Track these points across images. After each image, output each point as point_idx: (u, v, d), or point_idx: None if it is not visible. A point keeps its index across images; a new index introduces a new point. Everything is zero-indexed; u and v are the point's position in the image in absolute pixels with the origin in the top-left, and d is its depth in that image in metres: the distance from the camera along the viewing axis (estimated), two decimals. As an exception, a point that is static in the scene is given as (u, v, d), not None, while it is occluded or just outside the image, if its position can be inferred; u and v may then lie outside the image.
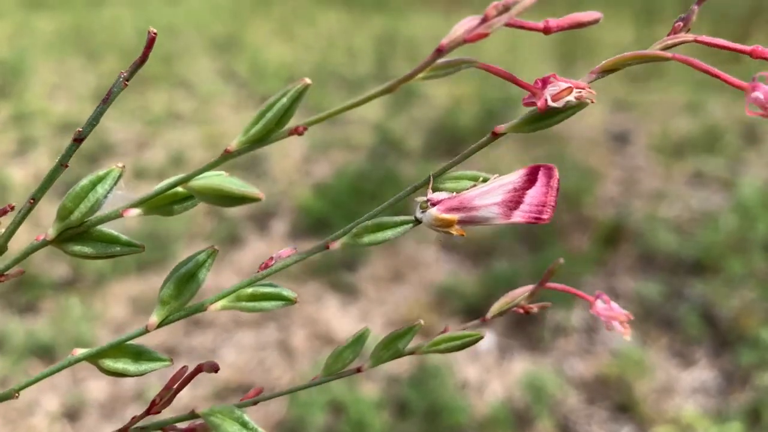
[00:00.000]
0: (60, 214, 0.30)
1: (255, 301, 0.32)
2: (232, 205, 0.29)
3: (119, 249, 0.31)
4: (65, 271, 2.10)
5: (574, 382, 1.73)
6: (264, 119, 0.28)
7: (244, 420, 0.34)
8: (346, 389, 1.65)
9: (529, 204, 0.30)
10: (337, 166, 2.79)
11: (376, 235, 0.33)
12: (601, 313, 0.39)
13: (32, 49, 4.23)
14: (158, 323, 0.32)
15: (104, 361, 0.32)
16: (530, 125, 0.31)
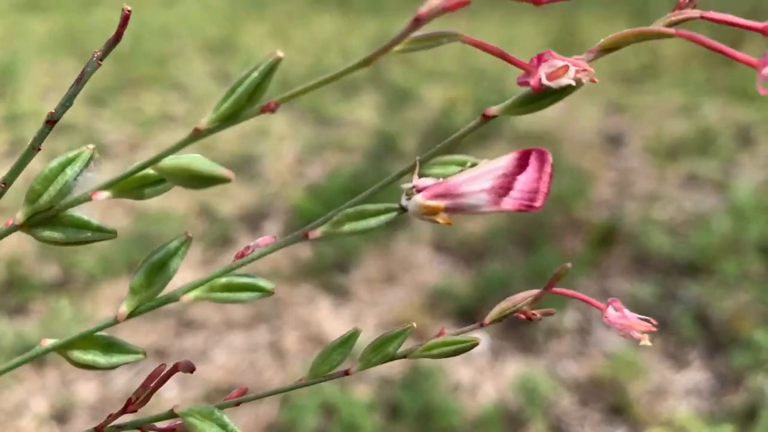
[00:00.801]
0: (28, 197, 0.28)
1: (230, 291, 0.31)
2: (201, 187, 0.27)
3: (90, 235, 0.30)
4: (55, 273, 2.09)
5: (568, 384, 1.72)
6: (234, 95, 0.26)
7: (224, 421, 0.32)
8: (338, 391, 1.64)
9: (520, 190, 0.28)
10: (331, 167, 2.78)
11: (358, 223, 0.31)
12: (615, 321, 0.36)
13: (25, 50, 4.21)
14: (128, 313, 0.30)
15: (74, 352, 0.30)
16: (524, 107, 0.30)
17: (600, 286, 2.06)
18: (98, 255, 2.13)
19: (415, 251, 2.23)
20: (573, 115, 3.36)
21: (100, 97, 3.51)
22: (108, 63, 1.49)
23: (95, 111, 3.34)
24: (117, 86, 3.69)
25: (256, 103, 0.27)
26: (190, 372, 0.33)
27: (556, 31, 4.58)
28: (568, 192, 2.49)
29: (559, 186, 2.54)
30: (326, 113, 3.42)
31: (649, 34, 0.30)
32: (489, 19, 5.27)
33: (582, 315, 1.95)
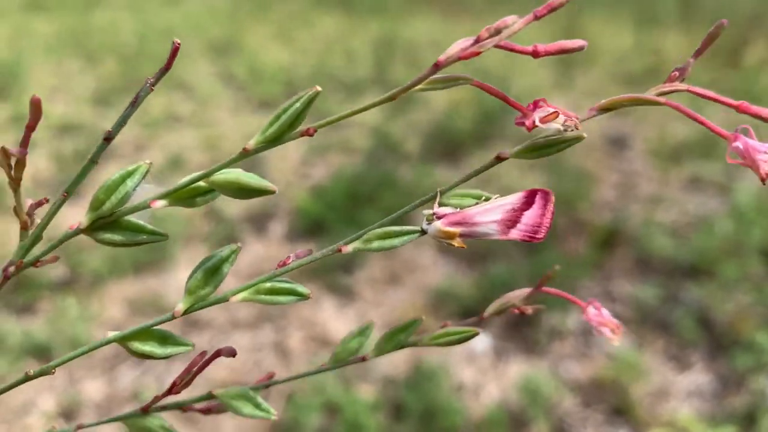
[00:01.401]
0: (93, 205, 0.32)
1: (273, 294, 0.35)
2: (249, 197, 0.32)
3: (145, 237, 0.34)
4: (62, 272, 2.10)
5: (570, 385, 1.73)
6: (279, 121, 0.32)
7: (257, 401, 0.39)
8: (341, 390, 1.65)
9: (526, 224, 0.32)
10: (335, 168, 2.79)
11: (384, 242, 0.36)
12: (592, 319, 0.42)
13: (31, 50, 4.23)
14: (184, 310, 0.34)
15: (133, 343, 0.35)
16: (533, 152, 0.34)
17: (603, 288, 2.07)
18: (105, 255, 2.14)
19: (419, 253, 2.24)
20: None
21: (105, 97, 3.53)
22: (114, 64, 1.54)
23: (101, 111, 3.36)
24: (122, 87, 3.71)
25: (296, 128, 0.32)
26: (233, 356, 0.37)
27: (561, 34, 4.58)
28: (571, 194, 2.50)
29: (562, 188, 2.55)
30: (331, 114, 3.42)
31: (642, 101, 0.34)
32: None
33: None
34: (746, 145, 0.33)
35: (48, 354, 1.76)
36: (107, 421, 0.40)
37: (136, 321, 1.91)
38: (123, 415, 0.39)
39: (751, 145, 0.33)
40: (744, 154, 0.33)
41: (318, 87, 0.31)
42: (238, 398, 0.39)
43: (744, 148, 0.33)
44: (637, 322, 1.93)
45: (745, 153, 0.33)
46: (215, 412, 0.41)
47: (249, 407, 0.39)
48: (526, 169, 2.72)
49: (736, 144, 0.33)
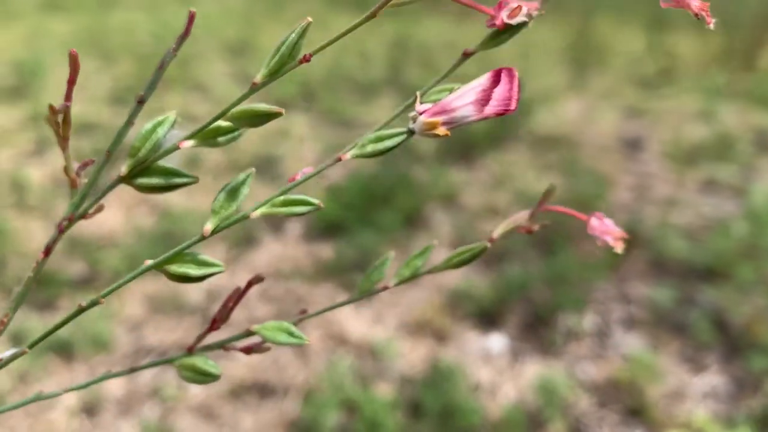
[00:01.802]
0: (130, 152, 0.35)
1: (288, 206, 0.38)
2: (261, 123, 0.36)
3: (178, 180, 0.37)
4: (82, 270, 2.13)
5: (586, 386, 1.74)
6: (279, 53, 0.35)
7: (291, 330, 0.42)
8: (359, 389, 1.67)
9: (497, 99, 0.35)
10: (351, 169, 2.81)
11: (377, 144, 0.38)
12: (595, 228, 0.43)
13: (48, 50, 4.27)
14: (212, 230, 0.37)
15: (171, 267, 0.37)
16: (492, 41, 0.37)
17: (618, 290, 2.07)
18: (123, 253, 2.17)
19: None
20: (591, 119, 3.37)
21: (122, 97, 3.56)
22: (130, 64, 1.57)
23: (118, 110, 3.39)
24: (139, 86, 3.72)
25: (295, 58, 0.35)
26: (261, 281, 0.42)
27: (573, 36, 4.59)
28: (587, 196, 2.51)
29: (578, 189, 2.56)
30: (345, 115, 3.45)
31: None
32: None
33: (601, 318, 1.97)
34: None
35: (69, 350, 1.79)
36: (161, 362, 0.43)
37: (155, 318, 1.93)
38: (171, 357, 0.43)
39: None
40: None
41: (309, 18, 0.35)
42: (274, 330, 0.42)
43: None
44: (653, 324, 1.94)
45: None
46: (255, 352, 0.44)
47: (284, 336, 0.42)
48: (540, 171, 2.73)
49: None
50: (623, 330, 1.93)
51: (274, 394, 1.70)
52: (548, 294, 2.02)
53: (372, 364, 1.79)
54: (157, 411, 1.64)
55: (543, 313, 1.96)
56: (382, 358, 1.80)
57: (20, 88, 3.66)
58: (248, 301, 1.99)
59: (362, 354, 1.82)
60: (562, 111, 3.45)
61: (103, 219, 2.40)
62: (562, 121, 3.31)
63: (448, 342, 1.88)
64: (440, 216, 2.47)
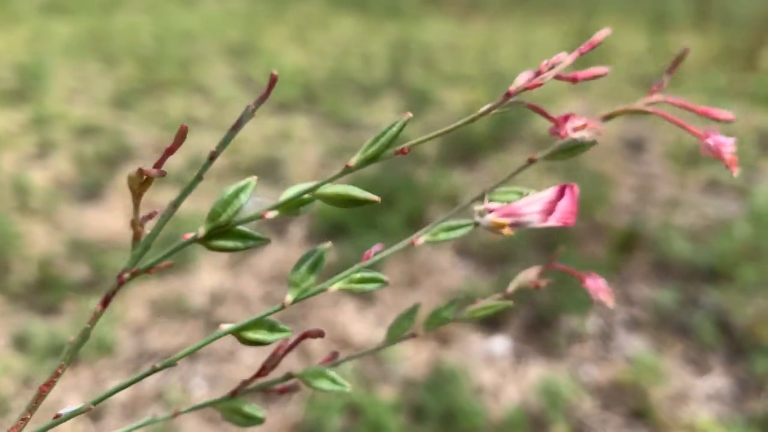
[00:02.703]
0: (210, 216, 0.36)
1: (362, 283, 0.41)
2: (354, 207, 0.38)
3: (252, 243, 0.38)
4: (86, 273, 2.13)
5: (589, 388, 1.74)
6: (378, 143, 0.37)
7: (334, 378, 0.44)
8: (363, 392, 1.67)
9: (561, 212, 0.39)
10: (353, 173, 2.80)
11: (449, 233, 0.43)
12: (590, 286, 0.51)
13: (51, 53, 4.28)
14: (293, 300, 0.39)
15: (246, 333, 0.39)
16: (560, 155, 0.42)
17: (621, 291, 2.07)
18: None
19: (438, 256, 2.25)
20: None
21: (125, 100, 3.56)
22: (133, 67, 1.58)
23: (121, 114, 3.40)
24: (142, 89, 3.75)
25: (391, 147, 0.38)
26: (321, 337, 0.42)
27: (575, 36, 4.58)
28: (589, 197, 2.51)
29: (581, 191, 2.55)
30: (347, 117, 3.45)
31: (635, 111, 0.44)
32: (508, 23, 5.29)
33: (604, 320, 1.97)
34: (715, 142, 0.42)
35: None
36: (201, 406, 0.45)
37: (158, 322, 1.93)
38: (215, 400, 0.45)
39: (718, 141, 0.42)
40: (713, 149, 0.42)
41: (409, 113, 0.37)
42: (315, 376, 0.44)
43: (714, 144, 0.42)
44: (656, 326, 1.93)
45: (714, 148, 0.42)
46: (291, 391, 0.46)
47: (327, 383, 0.44)
48: (543, 173, 2.73)
49: (707, 141, 0.42)
50: (626, 332, 1.93)
51: (278, 398, 1.70)
52: (551, 296, 2.01)
53: (375, 367, 1.79)
54: (161, 415, 1.64)
55: (546, 315, 1.96)
56: (385, 361, 1.80)
57: (22, 91, 3.66)
58: (252, 305, 1.99)
59: (365, 357, 1.82)
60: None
61: (107, 222, 2.40)
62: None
63: (450, 344, 1.88)
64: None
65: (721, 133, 0.43)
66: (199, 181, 0.36)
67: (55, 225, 2.39)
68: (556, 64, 0.37)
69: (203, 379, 1.73)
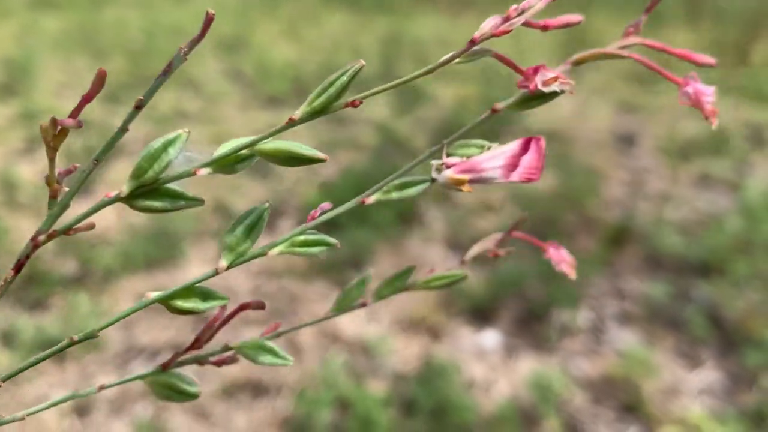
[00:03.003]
0: (135, 173, 0.32)
1: (306, 246, 0.37)
2: (297, 165, 0.34)
3: (184, 203, 0.34)
4: (74, 268, 2.11)
5: (581, 382, 1.74)
6: (326, 93, 0.34)
7: (274, 350, 0.41)
8: (353, 386, 1.65)
9: (524, 167, 0.36)
10: (343, 165, 2.79)
11: (402, 192, 0.39)
12: (553, 256, 0.49)
13: (40, 47, 4.24)
14: (227, 266, 0.35)
15: (176, 301, 0.36)
16: (523, 105, 0.39)
17: (613, 285, 2.07)
18: (116, 250, 2.15)
19: (428, 249, 2.24)
20: (585, 114, 3.36)
21: (115, 94, 3.53)
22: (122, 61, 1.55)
23: (111, 108, 3.37)
24: (131, 83, 3.72)
25: (340, 99, 0.34)
26: (261, 309, 0.39)
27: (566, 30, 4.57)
28: (581, 191, 2.50)
29: (572, 185, 2.55)
30: (339, 111, 3.43)
31: (609, 55, 0.41)
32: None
33: (595, 314, 1.96)
34: (695, 90, 0.38)
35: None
36: (129, 380, 0.41)
37: (147, 317, 1.92)
38: (144, 374, 0.41)
39: (698, 89, 0.39)
40: (692, 97, 0.38)
41: (362, 61, 0.34)
42: (255, 349, 0.41)
43: (693, 92, 0.38)
44: (648, 320, 1.93)
45: (693, 96, 0.38)
46: (228, 363, 0.43)
47: (268, 357, 0.41)
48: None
49: (686, 89, 0.39)
50: (618, 326, 1.92)
51: (267, 393, 1.69)
52: (542, 290, 2.01)
53: (365, 362, 1.78)
54: (149, 410, 1.63)
55: (537, 309, 1.95)
56: (375, 356, 1.79)
57: (11, 86, 3.63)
58: (240, 298, 1.97)
59: (355, 351, 1.81)
60: (556, 106, 3.44)
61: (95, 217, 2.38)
62: (556, 116, 3.30)
63: (441, 339, 1.87)
64: (434, 212, 2.46)
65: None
66: (124, 132, 0.32)
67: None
68: (525, 8, 0.35)
69: (192, 374, 1.71)
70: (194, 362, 0.42)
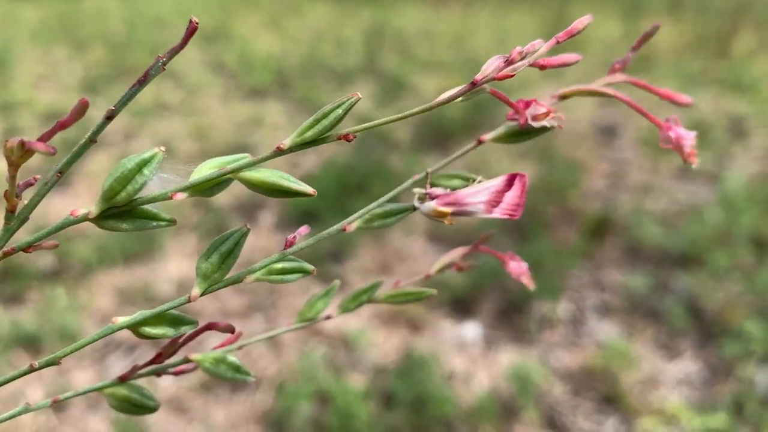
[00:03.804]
0: (106, 194, 0.30)
1: (283, 274, 0.36)
2: (283, 197, 0.33)
3: (155, 224, 0.32)
4: (51, 262, 2.09)
5: (560, 374, 1.74)
6: (319, 125, 0.32)
7: (237, 365, 0.40)
8: (332, 379, 1.65)
9: (507, 203, 0.36)
10: (325, 158, 2.78)
11: (385, 220, 0.39)
12: (513, 270, 0.49)
13: (18, 38, 4.19)
14: (201, 293, 0.34)
15: (144, 328, 0.35)
16: (510, 138, 0.39)
17: (593, 277, 2.07)
18: (94, 245, 2.13)
19: (410, 242, 2.24)
20: (567, 105, 3.36)
21: (94, 85, 3.50)
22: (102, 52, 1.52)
23: (90, 99, 3.33)
24: (111, 75, 3.68)
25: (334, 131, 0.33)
26: (231, 333, 0.38)
27: (550, 23, 4.58)
28: (562, 183, 2.50)
29: (553, 177, 2.55)
30: (321, 103, 3.41)
31: (596, 93, 0.41)
32: (483, 9, 5.27)
33: (575, 305, 1.96)
34: (677, 134, 0.40)
35: (37, 344, 1.75)
36: (86, 392, 0.39)
37: (125, 310, 1.90)
38: (101, 385, 0.39)
39: (679, 134, 0.40)
40: (674, 141, 0.40)
41: (358, 94, 0.32)
42: (217, 363, 0.39)
43: (675, 137, 0.40)
44: (627, 311, 1.93)
45: (674, 140, 0.40)
46: (187, 372, 0.41)
47: (229, 372, 0.40)
48: (516, 159, 2.72)
49: (668, 133, 0.40)
50: (598, 317, 1.93)
51: (246, 387, 1.68)
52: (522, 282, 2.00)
53: (345, 355, 1.77)
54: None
55: (517, 301, 1.95)
56: (355, 349, 1.78)
57: (-12, 77, 3.59)
58: (220, 293, 1.96)
59: (335, 345, 1.80)
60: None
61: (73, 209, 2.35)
62: (538, 108, 3.30)
63: (422, 331, 1.86)
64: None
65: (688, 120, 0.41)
66: (92, 144, 0.31)
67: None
68: (529, 52, 0.34)
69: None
70: (153, 374, 0.40)
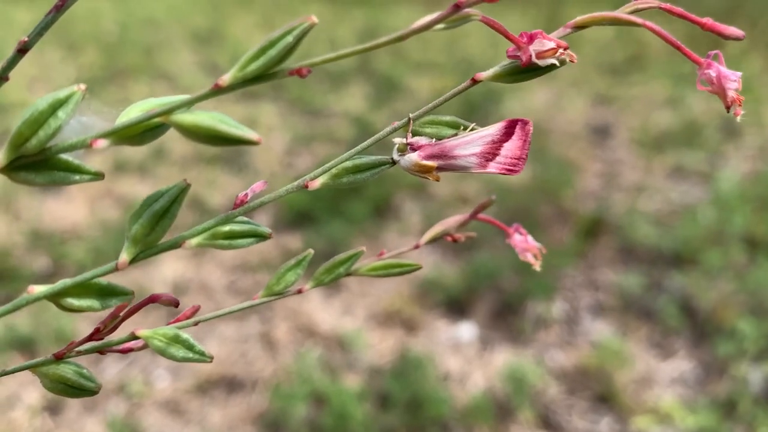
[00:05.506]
0: (14, 140, 0.26)
1: (231, 239, 0.32)
2: (222, 145, 0.27)
3: (78, 177, 0.28)
4: (45, 264, 2.09)
5: (555, 373, 1.75)
6: (265, 56, 0.26)
7: (191, 343, 0.33)
8: (328, 381, 1.65)
9: (505, 156, 0.31)
10: (320, 158, 2.78)
11: (355, 176, 0.33)
12: (518, 245, 0.43)
13: (10, 40, 4.17)
14: (130, 260, 0.30)
15: (66, 299, 0.30)
16: (510, 76, 0.32)
17: (587, 277, 2.08)
18: (88, 246, 2.13)
19: (404, 242, 2.24)
20: (560, 106, 3.38)
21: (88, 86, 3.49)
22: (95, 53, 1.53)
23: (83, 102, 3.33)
24: (104, 77, 3.68)
25: (285, 65, 0.26)
26: (174, 306, 0.33)
27: (543, 21, 4.59)
28: (556, 183, 2.51)
29: (547, 176, 2.56)
30: (315, 104, 3.42)
31: (619, 21, 0.32)
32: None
33: (569, 305, 1.97)
34: (719, 73, 0.31)
35: (32, 347, 1.75)
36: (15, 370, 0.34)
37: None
38: (33, 362, 0.34)
39: (722, 73, 0.31)
40: (715, 81, 0.31)
41: (313, 17, 0.25)
42: (168, 341, 0.33)
43: (716, 76, 0.31)
44: (621, 311, 1.94)
45: (716, 80, 0.31)
46: (135, 350, 0.36)
47: (181, 351, 0.33)
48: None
49: (708, 71, 0.32)
50: (592, 317, 1.93)
51: (242, 388, 1.68)
52: (517, 282, 2.01)
53: (341, 356, 1.77)
54: (122, 407, 1.61)
55: (512, 301, 1.96)
56: (351, 349, 1.79)
57: (-19, 79, 3.57)
58: (214, 294, 1.96)
59: (331, 345, 1.81)
60: (532, 98, 3.46)
61: (67, 212, 2.35)
62: (531, 108, 3.31)
63: (417, 331, 1.87)
64: (410, 205, 2.46)
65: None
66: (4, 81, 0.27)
67: (14, 215, 2.33)
68: None
69: (165, 371, 1.70)
70: (94, 351, 0.35)
